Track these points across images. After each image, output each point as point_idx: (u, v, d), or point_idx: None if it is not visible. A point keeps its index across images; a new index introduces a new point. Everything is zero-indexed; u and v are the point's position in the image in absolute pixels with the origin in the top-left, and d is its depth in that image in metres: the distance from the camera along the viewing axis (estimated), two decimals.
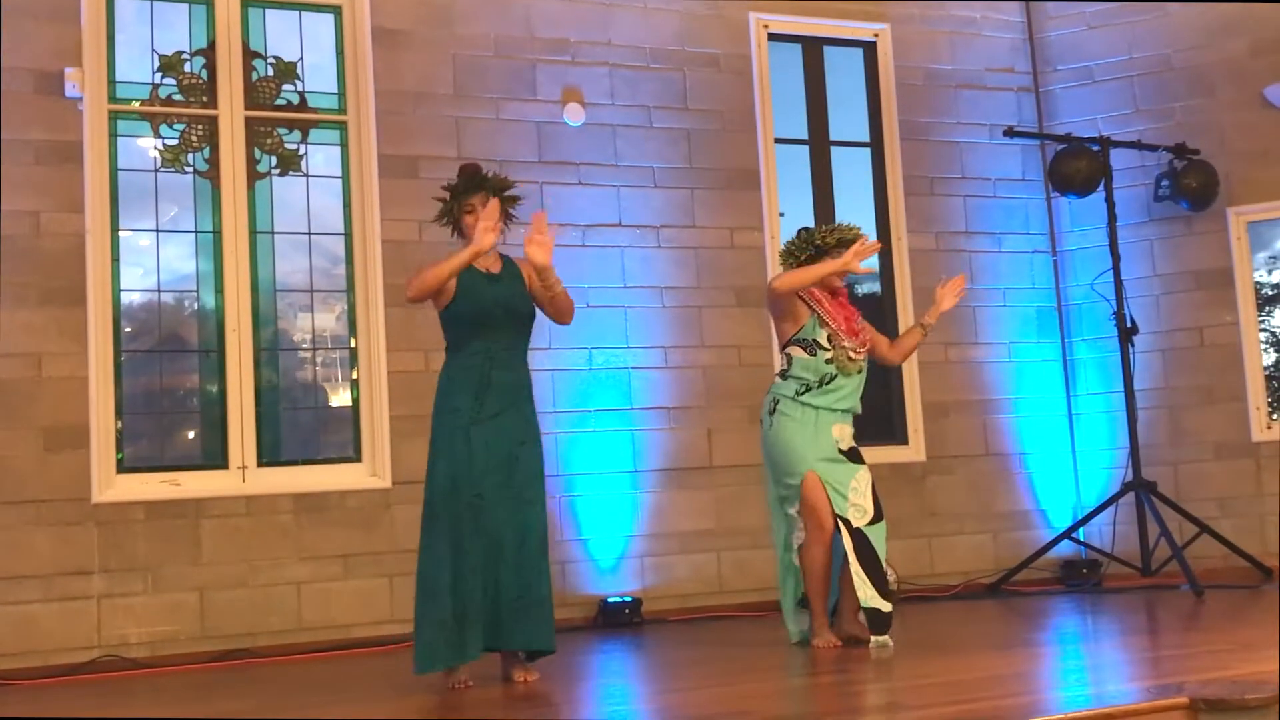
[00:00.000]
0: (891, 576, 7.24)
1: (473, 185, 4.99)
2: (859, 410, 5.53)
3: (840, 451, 5.37)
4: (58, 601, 6.04)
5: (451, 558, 4.67)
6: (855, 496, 5.31)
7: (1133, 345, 7.46)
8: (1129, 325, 7.44)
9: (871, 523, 5.32)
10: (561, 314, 5.06)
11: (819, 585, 5.33)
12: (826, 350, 5.39)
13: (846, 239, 5.46)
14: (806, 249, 5.51)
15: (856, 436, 5.55)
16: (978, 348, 8.00)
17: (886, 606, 5.25)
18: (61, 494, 6.11)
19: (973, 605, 6.96)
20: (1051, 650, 5.44)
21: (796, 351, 5.44)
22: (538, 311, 5.01)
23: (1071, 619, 6.32)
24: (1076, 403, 8.15)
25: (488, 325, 4.84)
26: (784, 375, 5.49)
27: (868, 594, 5.22)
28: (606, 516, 7.01)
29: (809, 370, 5.40)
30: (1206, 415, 7.84)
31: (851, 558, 5.24)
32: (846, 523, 5.26)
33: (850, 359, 5.41)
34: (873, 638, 5.23)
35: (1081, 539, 7.68)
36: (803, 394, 5.39)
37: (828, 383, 5.38)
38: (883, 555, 5.32)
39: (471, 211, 4.93)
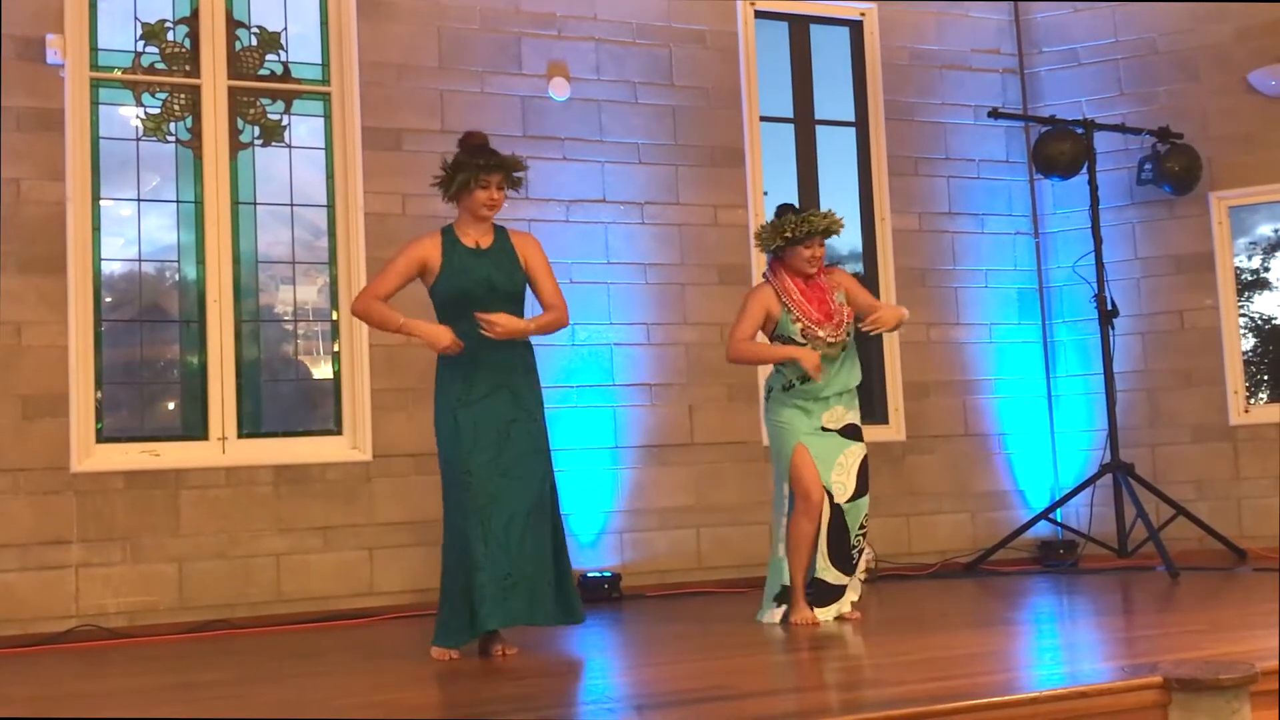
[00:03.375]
0: (870, 555, 7.32)
1: (496, 164, 4.97)
2: (854, 384, 5.53)
3: (834, 430, 5.43)
4: (35, 570, 6.03)
5: (454, 540, 4.75)
6: (839, 473, 5.39)
7: (1113, 328, 7.49)
8: (1109, 308, 7.47)
9: (851, 499, 5.40)
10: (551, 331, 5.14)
11: (802, 558, 5.38)
12: (803, 344, 5.40)
13: (817, 228, 5.45)
14: (776, 239, 5.49)
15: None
16: (959, 328, 8.02)
17: (837, 579, 5.37)
18: (40, 463, 6.09)
19: (950, 584, 7.00)
20: (1027, 629, 5.47)
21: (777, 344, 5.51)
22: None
23: (1048, 599, 6.36)
24: (1056, 384, 8.19)
25: (471, 304, 4.82)
26: (775, 369, 5.55)
27: (822, 564, 5.37)
28: (587, 492, 7.01)
29: (789, 368, 5.43)
30: (1185, 398, 7.88)
31: (822, 529, 5.36)
32: (830, 495, 5.37)
33: (829, 345, 5.42)
34: (815, 609, 5.34)
35: (1059, 520, 7.73)
36: (790, 389, 5.44)
37: (809, 378, 5.39)
38: (854, 531, 5.41)
39: (486, 188, 4.92)
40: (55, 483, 6.10)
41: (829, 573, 5.39)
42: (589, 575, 6.83)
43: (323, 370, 6.84)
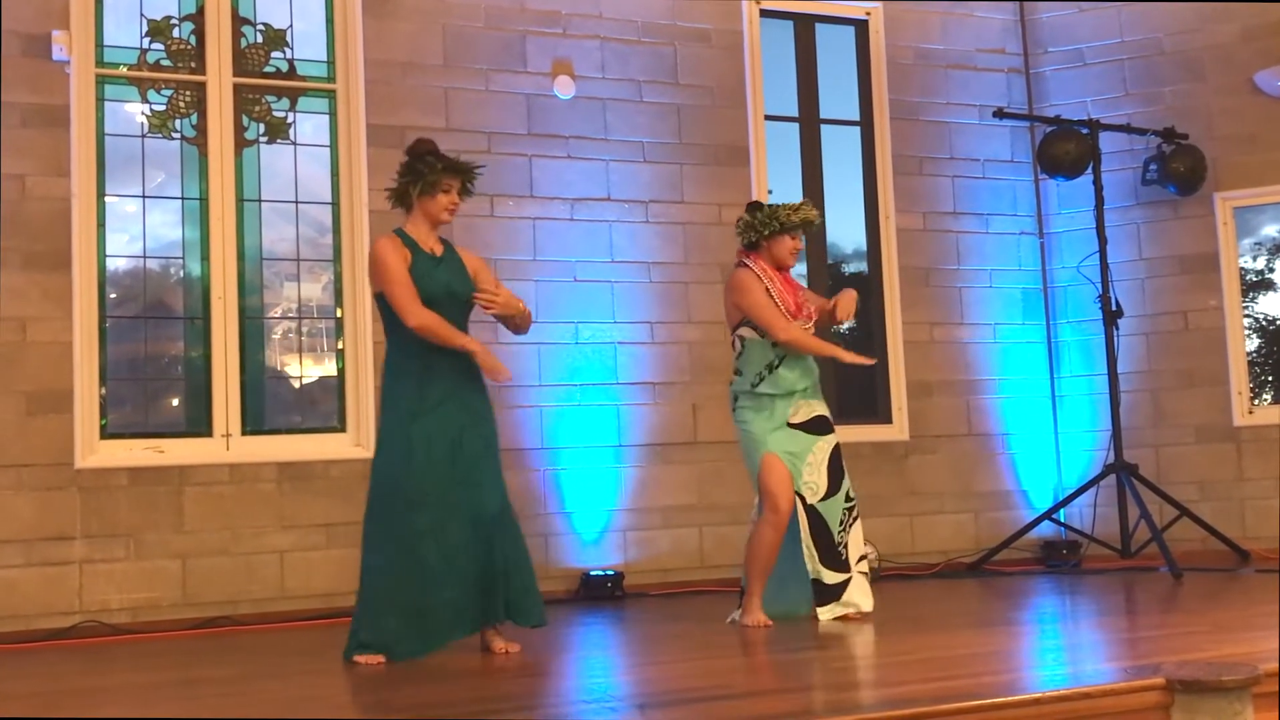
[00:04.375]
0: (872, 554, 7.32)
1: (455, 169, 4.96)
2: (816, 374, 5.52)
3: (795, 426, 5.39)
4: (39, 566, 6.04)
5: (402, 562, 4.66)
6: (809, 472, 5.37)
7: (1117, 328, 7.49)
8: (1114, 308, 7.46)
9: (824, 499, 5.38)
10: (517, 331, 5.13)
11: (762, 565, 5.36)
12: None
13: (810, 218, 5.53)
14: (771, 224, 5.50)
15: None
16: (963, 328, 8.02)
17: (833, 578, 5.35)
18: (44, 459, 6.09)
19: (953, 584, 7.00)
20: (1030, 630, 5.47)
21: (748, 333, 5.46)
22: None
23: (1050, 599, 6.36)
24: (1060, 384, 8.18)
25: (432, 308, 4.76)
26: (738, 370, 5.52)
27: (814, 567, 5.35)
28: (590, 490, 7.02)
29: (754, 358, 5.42)
30: (1189, 399, 7.87)
31: (805, 533, 5.33)
32: (802, 498, 5.34)
33: None
34: (817, 609, 5.35)
35: (1062, 520, 7.72)
36: (758, 385, 5.41)
37: (777, 366, 5.39)
38: (835, 528, 5.38)
39: (449, 192, 4.91)
40: (59, 479, 6.11)
41: (825, 573, 5.37)
42: (592, 574, 6.84)
43: (326, 367, 6.85)
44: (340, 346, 6.77)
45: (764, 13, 7.78)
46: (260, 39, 6.79)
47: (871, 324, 7.91)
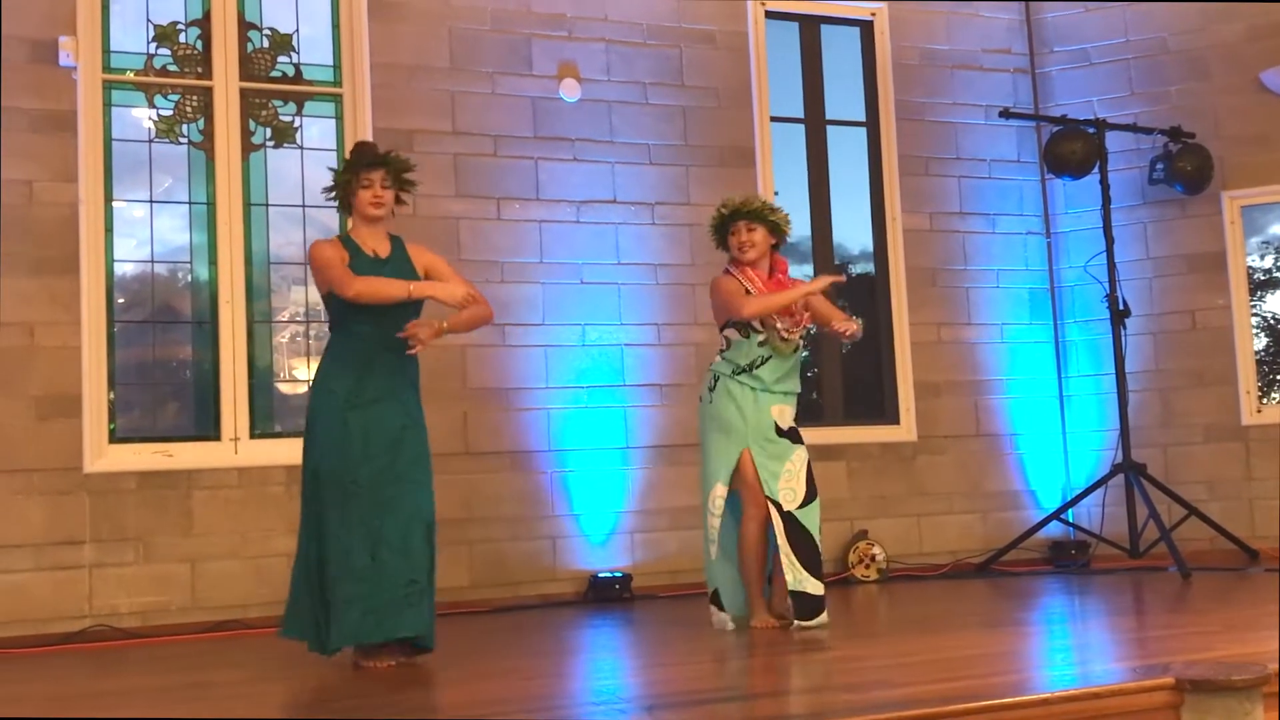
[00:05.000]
0: (880, 555, 7.33)
1: (376, 161, 4.85)
2: (798, 389, 5.45)
3: (779, 432, 5.32)
4: (49, 571, 6.05)
5: (322, 544, 4.59)
6: (788, 479, 5.26)
7: (1125, 328, 7.48)
8: (1121, 308, 7.45)
9: (802, 505, 5.26)
10: (472, 329, 5.04)
11: (754, 563, 5.28)
12: (759, 333, 5.33)
13: (737, 208, 5.46)
14: (715, 222, 5.51)
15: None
16: (970, 328, 8.01)
17: (817, 589, 5.21)
18: (53, 463, 6.11)
19: (961, 584, 6.99)
20: (1039, 630, 5.46)
21: (732, 334, 5.39)
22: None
23: (1059, 599, 6.35)
24: (1068, 384, 8.18)
25: (371, 310, 4.68)
26: (722, 355, 5.44)
27: (796, 576, 5.20)
28: (598, 492, 7.02)
29: (741, 353, 5.35)
30: (1197, 398, 7.86)
31: (782, 541, 5.20)
32: (778, 505, 5.23)
33: (783, 339, 5.32)
34: (795, 621, 5.21)
35: (1070, 520, 7.72)
36: (739, 374, 5.34)
37: (759, 365, 5.32)
38: (817, 535, 5.27)
39: (369, 186, 4.80)
40: (68, 483, 6.13)
41: (808, 583, 5.20)
42: (600, 575, 6.84)
43: None
44: None
45: (769, 14, 7.78)
46: (266, 44, 6.81)
47: (878, 324, 7.90)
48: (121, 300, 6.51)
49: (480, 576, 6.74)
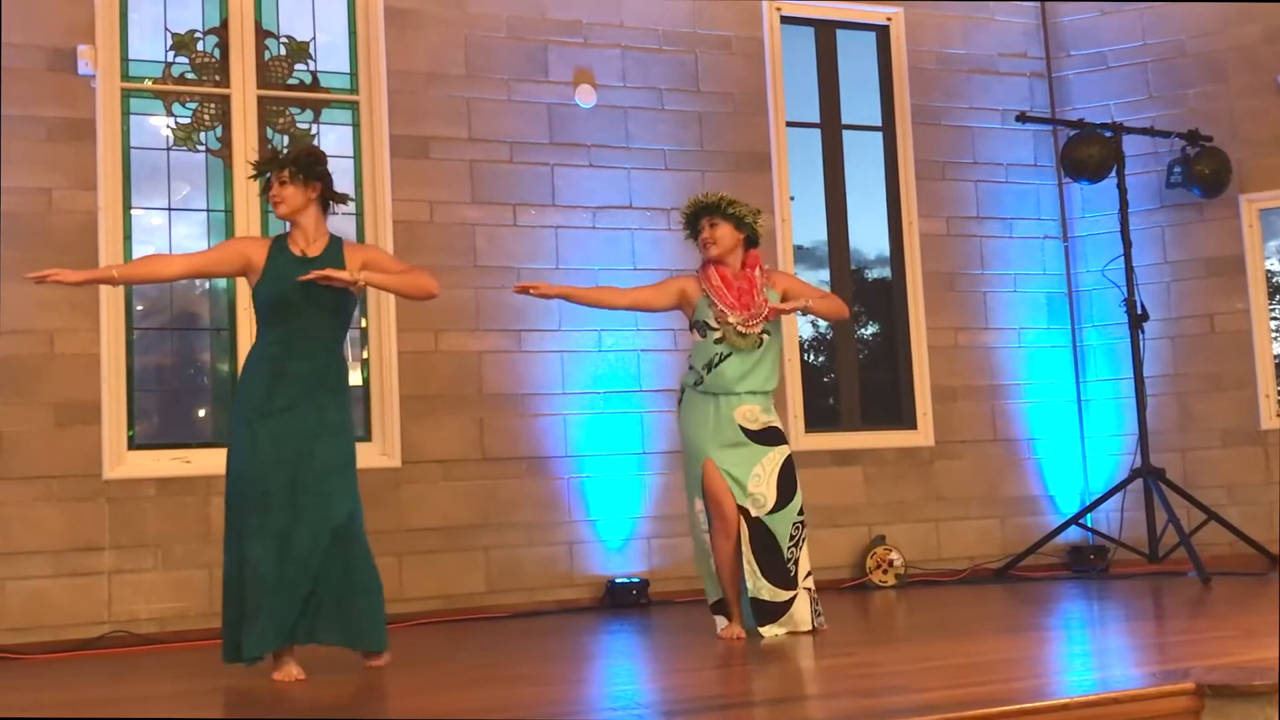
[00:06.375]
0: (898, 560, 7.31)
1: (267, 164, 4.79)
2: (769, 387, 5.31)
3: (748, 434, 5.22)
4: (68, 577, 6.07)
5: (240, 554, 4.55)
6: (754, 484, 5.16)
7: (1143, 332, 7.45)
8: (1139, 312, 7.43)
9: (773, 510, 5.17)
10: (413, 297, 4.93)
11: (730, 572, 5.20)
12: (715, 330, 5.25)
13: (697, 205, 5.43)
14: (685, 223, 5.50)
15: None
16: (988, 333, 8.00)
17: (775, 595, 5.14)
18: (73, 470, 6.13)
19: (979, 590, 6.98)
20: (1058, 635, 5.45)
21: (694, 335, 5.35)
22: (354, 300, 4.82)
23: (1078, 604, 6.33)
24: (1086, 389, 8.15)
25: (288, 312, 4.62)
26: (689, 365, 5.40)
27: (754, 584, 5.14)
28: (614, 498, 7.02)
29: (699, 355, 5.29)
30: (1216, 402, 7.83)
31: (745, 547, 5.13)
32: (745, 511, 5.16)
33: (740, 334, 5.22)
34: (759, 628, 5.16)
35: (1089, 525, 7.69)
36: (699, 385, 5.27)
37: (718, 364, 5.21)
38: (785, 543, 5.17)
39: (281, 184, 4.71)
40: (87, 490, 6.15)
41: (764, 590, 5.14)
42: (617, 581, 6.84)
43: (352, 377, 6.86)
44: (365, 356, 6.79)
45: (785, 19, 7.78)
46: (284, 51, 6.83)
47: (895, 329, 7.89)
48: (140, 307, 6.54)
49: (497, 582, 6.74)
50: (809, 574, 5.28)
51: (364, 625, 4.63)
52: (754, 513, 5.16)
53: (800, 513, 5.24)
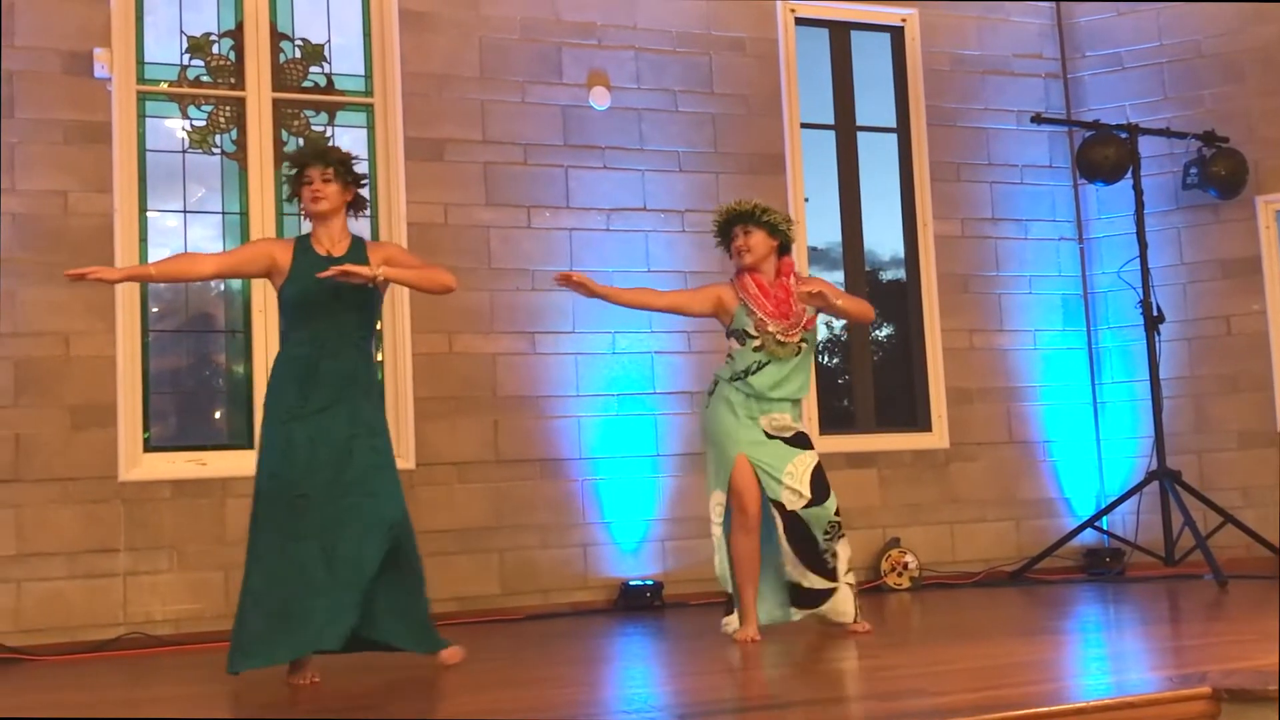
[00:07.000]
0: (913, 563, 7.29)
1: (313, 156, 4.77)
2: (801, 395, 5.35)
3: (776, 437, 5.25)
4: (84, 579, 6.09)
5: (274, 564, 4.50)
6: (790, 481, 5.19)
7: (1159, 334, 7.43)
8: (1155, 313, 7.40)
9: (808, 507, 5.19)
10: (431, 292, 4.90)
11: (748, 571, 5.21)
12: (755, 338, 5.27)
13: (730, 212, 5.44)
14: (716, 230, 5.49)
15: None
16: (1003, 334, 7.97)
17: (817, 582, 5.20)
18: (88, 472, 6.15)
19: (995, 593, 6.96)
20: (1074, 638, 5.43)
21: (732, 343, 5.36)
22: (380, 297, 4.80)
23: (1094, 608, 6.31)
24: (1101, 391, 8.12)
25: (315, 312, 4.62)
26: (726, 362, 5.41)
27: (796, 571, 5.22)
28: (628, 500, 7.02)
29: (740, 359, 5.30)
30: (1232, 404, 7.80)
31: (783, 541, 5.19)
32: (780, 505, 5.18)
33: (779, 343, 5.25)
34: (791, 609, 5.27)
35: (1105, 528, 7.66)
36: (736, 380, 5.29)
37: (756, 371, 5.24)
38: (820, 536, 5.21)
39: (309, 183, 4.71)
40: (103, 492, 6.17)
41: (806, 578, 5.21)
42: (631, 583, 6.84)
43: None
44: (380, 358, 6.80)
45: (799, 20, 7.78)
46: (298, 54, 6.85)
47: (910, 331, 7.88)
48: (156, 310, 6.56)
49: (511, 584, 6.75)
50: (849, 570, 5.33)
51: (427, 627, 4.64)
52: (789, 506, 5.18)
53: (836, 513, 5.27)
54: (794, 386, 5.31)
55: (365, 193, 4.93)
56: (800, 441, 5.30)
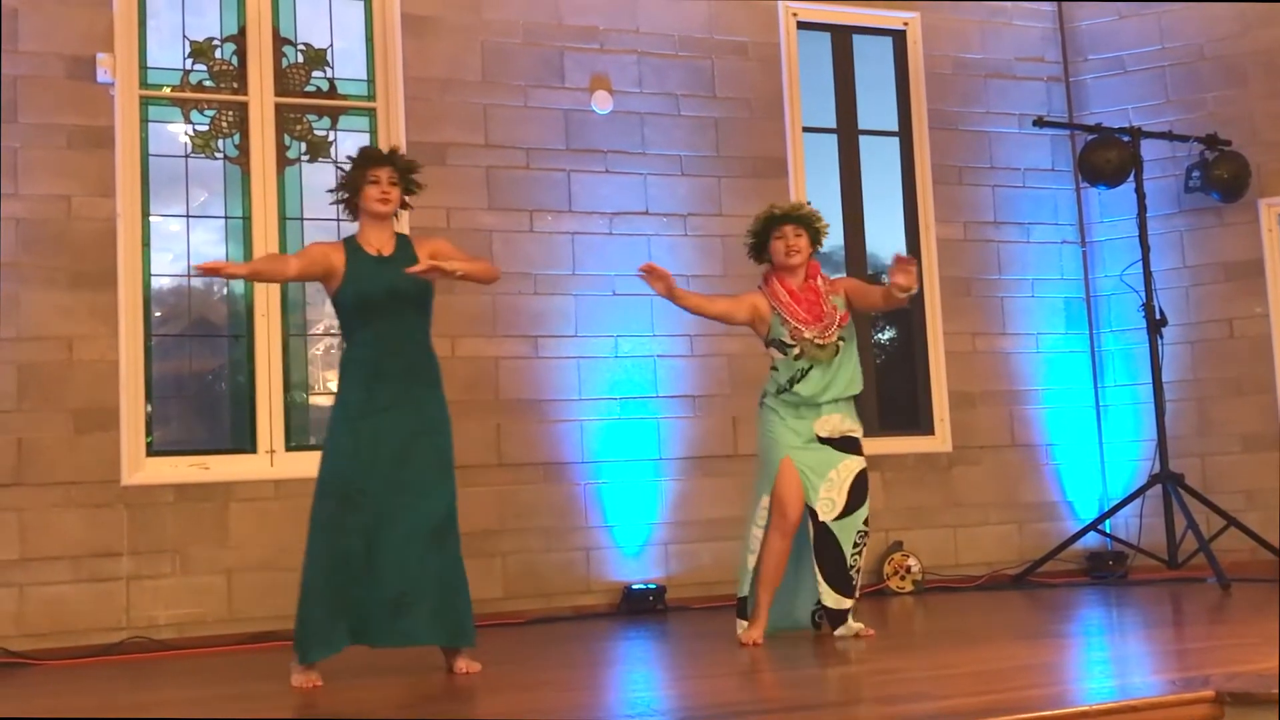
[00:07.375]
0: (916, 566, 7.29)
1: (383, 159, 4.88)
2: (851, 392, 5.39)
3: (827, 441, 5.30)
4: (87, 583, 6.09)
5: (327, 555, 4.56)
6: (829, 489, 5.25)
7: (1161, 337, 7.42)
8: (1158, 317, 7.40)
9: (840, 517, 5.25)
10: (485, 282, 5.07)
11: (771, 573, 5.27)
12: (793, 347, 5.33)
13: (784, 212, 5.49)
14: (756, 226, 5.53)
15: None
16: (1005, 338, 7.98)
17: (843, 603, 5.26)
18: (91, 476, 6.16)
19: (997, 596, 6.95)
20: (1076, 642, 5.42)
21: (773, 352, 5.42)
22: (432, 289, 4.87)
23: (1097, 611, 6.30)
24: (1104, 394, 8.12)
25: (375, 312, 4.70)
26: (772, 371, 5.46)
27: (822, 589, 5.26)
28: (631, 504, 7.02)
29: (784, 369, 5.35)
30: (1235, 407, 7.79)
31: (813, 557, 5.26)
32: (814, 514, 5.24)
33: (818, 346, 5.31)
34: (833, 630, 5.29)
35: (1108, 531, 7.66)
36: (783, 393, 5.34)
37: (801, 379, 5.30)
38: (849, 551, 5.26)
39: (376, 182, 4.80)
40: (106, 496, 6.18)
41: (829, 597, 5.26)
42: (634, 587, 6.84)
43: None
44: None
45: (801, 24, 7.78)
46: (301, 59, 6.86)
47: (913, 334, 7.88)
48: (159, 314, 6.57)
49: (514, 588, 6.75)
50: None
51: (463, 622, 4.68)
52: (822, 517, 5.24)
53: (865, 522, 5.33)
54: (841, 385, 5.37)
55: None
56: (848, 446, 5.36)
